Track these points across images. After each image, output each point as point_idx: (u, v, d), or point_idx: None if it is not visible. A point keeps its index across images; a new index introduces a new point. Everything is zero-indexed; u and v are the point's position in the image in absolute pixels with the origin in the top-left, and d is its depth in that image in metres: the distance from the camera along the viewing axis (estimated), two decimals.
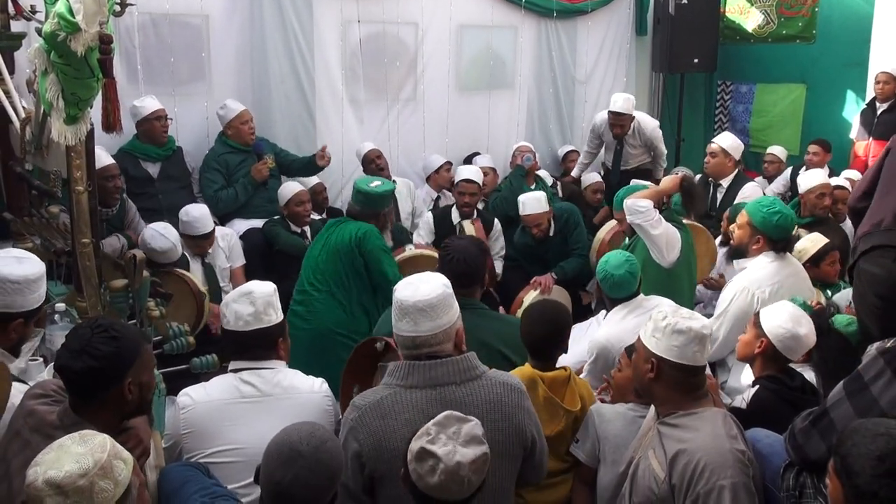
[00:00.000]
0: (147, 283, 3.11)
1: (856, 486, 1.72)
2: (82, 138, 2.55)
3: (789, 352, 2.85)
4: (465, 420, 1.91)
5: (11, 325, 2.37)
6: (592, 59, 7.49)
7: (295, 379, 2.63)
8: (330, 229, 4.12)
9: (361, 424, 2.19)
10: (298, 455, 1.84)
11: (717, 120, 8.23)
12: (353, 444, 2.19)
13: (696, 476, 2.15)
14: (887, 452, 1.70)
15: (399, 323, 2.26)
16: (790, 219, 3.67)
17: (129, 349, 2.02)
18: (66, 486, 1.57)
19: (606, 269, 3.44)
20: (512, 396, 2.30)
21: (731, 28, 7.76)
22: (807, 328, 2.86)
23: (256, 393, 2.53)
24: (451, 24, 6.53)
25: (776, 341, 2.84)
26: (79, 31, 2.22)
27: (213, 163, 5.27)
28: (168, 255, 4.15)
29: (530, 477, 2.45)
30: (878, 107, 6.34)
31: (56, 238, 3.29)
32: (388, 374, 2.29)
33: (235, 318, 2.56)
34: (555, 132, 7.44)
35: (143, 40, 5.23)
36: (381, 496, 2.22)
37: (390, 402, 2.20)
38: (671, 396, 2.32)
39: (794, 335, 2.83)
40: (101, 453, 1.64)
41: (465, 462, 1.84)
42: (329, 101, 6.01)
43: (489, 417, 2.22)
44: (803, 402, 2.70)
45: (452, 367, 2.24)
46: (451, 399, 2.19)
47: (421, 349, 2.25)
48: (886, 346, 2.22)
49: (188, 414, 2.49)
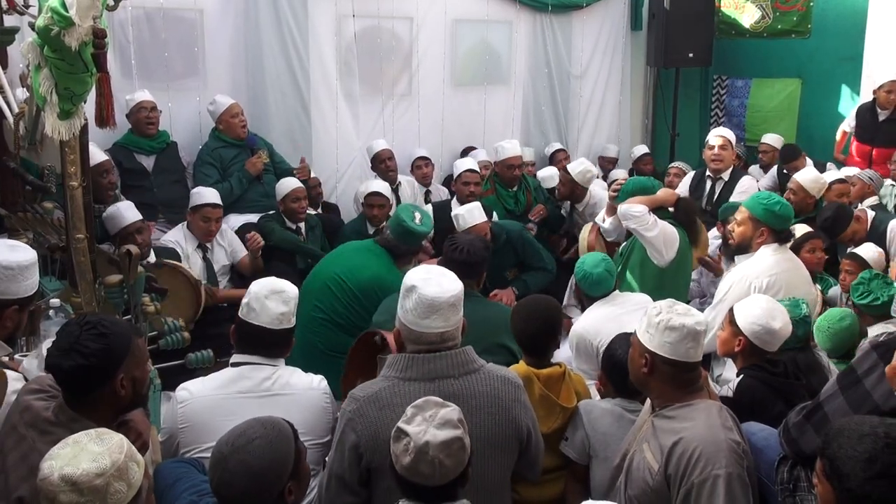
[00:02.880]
0: (142, 279, 3.10)
1: (848, 490, 1.71)
2: (76, 133, 2.54)
3: (766, 346, 2.86)
4: (443, 405, 1.93)
5: (7, 312, 2.38)
6: (587, 54, 7.50)
7: (294, 376, 2.64)
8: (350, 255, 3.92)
9: (359, 416, 2.19)
10: (221, 457, 1.84)
11: (713, 114, 8.24)
12: (350, 436, 2.20)
13: (690, 466, 2.16)
14: (876, 453, 1.70)
15: (426, 321, 2.22)
16: (789, 208, 3.76)
17: (118, 345, 2.02)
18: (82, 484, 1.58)
19: (584, 268, 3.55)
20: (509, 390, 2.32)
21: (727, 22, 7.76)
22: (781, 321, 2.87)
23: (256, 389, 2.54)
24: (445, 18, 6.53)
25: (752, 337, 2.85)
26: (72, 26, 2.21)
27: (207, 157, 5.26)
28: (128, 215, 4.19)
29: (526, 473, 2.46)
30: (879, 113, 6.14)
31: (50, 233, 3.28)
32: (386, 366, 2.29)
33: (268, 315, 2.57)
34: (550, 127, 7.45)
35: (137, 35, 5.22)
36: (377, 488, 2.22)
37: (388, 393, 2.21)
38: (666, 390, 2.33)
39: (769, 329, 2.84)
40: (118, 454, 1.64)
41: (434, 443, 1.84)
42: (324, 96, 6.00)
43: (486, 410, 2.23)
44: (788, 388, 2.74)
45: (451, 361, 2.24)
46: (450, 392, 2.19)
47: (446, 343, 2.25)
48: (879, 339, 2.23)
49: (186, 408, 2.50)
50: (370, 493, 2.25)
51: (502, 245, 4.65)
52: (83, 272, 2.74)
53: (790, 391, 2.74)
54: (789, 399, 2.69)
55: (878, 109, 6.15)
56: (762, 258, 3.68)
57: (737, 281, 3.62)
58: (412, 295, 2.24)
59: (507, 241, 4.67)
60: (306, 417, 2.55)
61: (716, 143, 5.50)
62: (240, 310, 2.64)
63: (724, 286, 3.71)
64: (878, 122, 6.15)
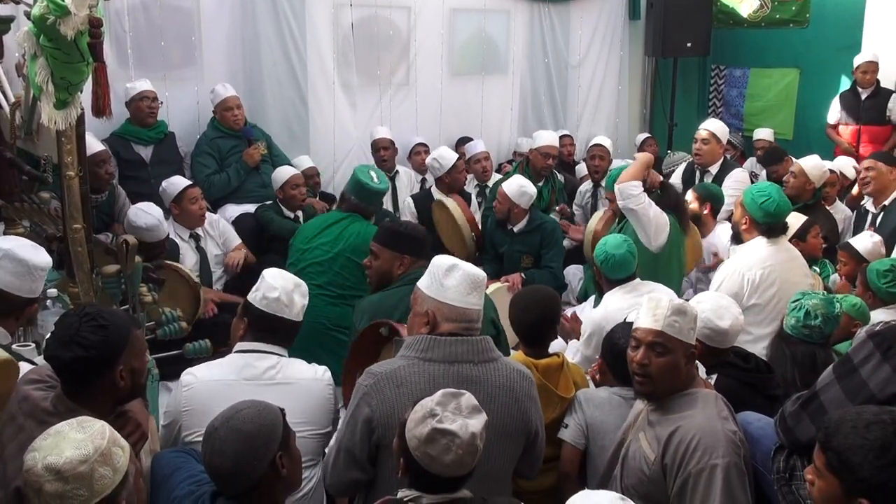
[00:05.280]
0: (139, 269, 3.10)
1: (861, 479, 1.70)
2: (73, 123, 2.53)
3: (719, 345, 2.76)
4: (459, 394, 1.92)
5: (29, 308, 2.54)
6: (585, 44, 7.48)
7: (297, 366, 2.66)
8: (333, 225, 4.01)
9: (376, 390, 2.19)
10: (213, 429, 1.90)
11: (711, 104, 8.23)
12: (364, 410, 2.20)
13: (687, 455, 2.17)
14: (888, 440, 1.70)
15: (469, 297, 2.29)
16: (778, 205, 3.65)
17: (117, 336, 2.02)
18: (66, 471, 1.58)
19: (606, 249, 3.47)
20: (523, 384, 2.33)
21: (725, 12, 7.73)
22: (729, 320, 2.75)
23: (260, 377, 2.56)
24: (443, 7, 6.51)
25: (704, 339, 2.70)
26: (68, 15, 2.21)
27: (205, 147, 5.25)
28: (154, 234, 4.15)
29: (525, 470, 2.46)
30: (861, 93, 6.37)
31: (47, 223, 3.27)
32: (405, 346, 2.29)
33: (291, 307, 2.65)
34: (548, 117, 7.42)
35: (133, 24, 5.20)
36: (383, 466, 2.22)
37: (406, 372, 2.21)
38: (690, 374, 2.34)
39: (717, 329, 2.73)
40: (100, 440, 1.64)
41: (477, 432, 1.86)
42: (321, 86, 5.99)
43: (501, 399, 2.24)
44: (763, 382, 2.72)
45: (472, 347, 2.26)
46: (468, 376, 2.20)
47: (477, 323, 2.32)
48: (875, 328, 2.24)
49: (190, 392, 2.52)
50: (376, 473, 2.25)
51: (532, 229, 4.84)
52: (80, 262, 2.73)
53: (765, 384, 2.71)
54: (765, 392, 2.68)
55: (858, 90, 6.38)
56: (755, 250, 3.65)
57: (729, 274, 3.60)
58: (455, 272, 2.29)
59: (540, 226, 4.86)
60: (308, 407, 2.58)
61: (698, 136, 5.42)
62: (255, 300, 2.65)
63: (717, 279, 3.69)
64: (861, 100, 6.36)
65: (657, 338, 2.29)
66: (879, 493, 1.70)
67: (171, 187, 4.64)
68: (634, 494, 2.29)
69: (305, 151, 5.88)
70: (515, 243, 4.89)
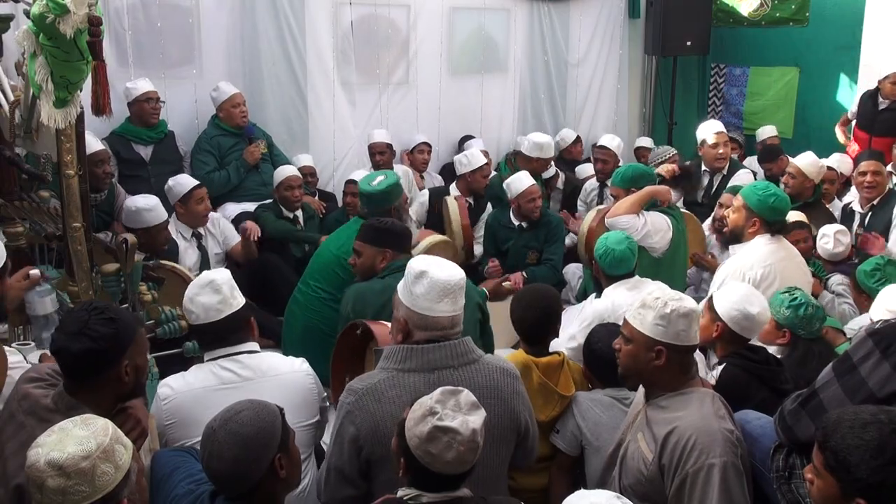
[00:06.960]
0: (139, 267, 3.10)
1: (858, 479, 1.70)
2: (72, 122, 2.54)
3: (746, 332, 2.84)
4: (457, 391, 1.92)
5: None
6: (585, 42, 7.48)
7: (274, 360, 2.64)
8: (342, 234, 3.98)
9: (358, 408, 2.18)
10: (211, 431, 1.87)
11: (711, 103, 8.23)
12: (349, 429, 2.19)
13: (685, 455, 2.17)
14: (884, 440, 1.70)
15: (439, 305, 2.22)
16: (785, 201, 3.70)
17: (126, 331, 2.03)
18: (68, 467, 1.58)
19: (607, 244, 3.49)
20: (508, 382, 2.32)
21: (724, 11, 7.74)
22: (759, 306, 2.85)
23: (237, 378, 2.53)
24: (442, 6, 6.50)
25: (731, 323, 2.83)
26: (67, 13, 2.21)
27: (205, 145, 5.25)
28: (154, 213, 4.17)
29: (520, 461, 2.46)
30: (880, 102, 6.11)
31: (47, 222, 3.27)
32: (383, 357, 2.28)
33: (205, 311, 2.55)
34: (547, 116, 7.42)
35: (132, 22, 5.19)
36: (377, 480, 2.22)
37: (386, 385, 2.20)
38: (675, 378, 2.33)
39: (747, 315, 2.82)
40: (103, 437, 1.65)
41: (477, 428, 1.87)
42: (321, 85, 5.98)
43: (486, 402, 2.21)
44: (770, 375, 2.74)
45: (450, 351, 2.24)
46: (449, 383, 2.17)
47: (455, 328, 2.26)
48: (875, 326, 2.24)
49: (170, 404, 2.49)
50: (370, 486, 2.25)
51: (539, 225, 4.99)
52: (80, 261, 2.74)
53: (773, 377, 2.74)
54: (773, 385, 2.70)
55: (879, 98, 6.14)
56: (756, 248, 3.65)
57: (731, 273, 3.60)
58: (423, 280, 2.22)
59: (546, 222, 5.00)
60: (292, 398, 2.53)
61: (719, 140, 5.46)
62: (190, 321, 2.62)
63: (718, 278, 3.69)
64: (878, 110, 6.14)
65: (624, 327, 2.41)
66: (876, 492, 1.70)
67: (178, 186, 4.63)
68: (633, 494, 2.29)
69: (305, 150, 5.88)
70: (522, 239, 5.00)
